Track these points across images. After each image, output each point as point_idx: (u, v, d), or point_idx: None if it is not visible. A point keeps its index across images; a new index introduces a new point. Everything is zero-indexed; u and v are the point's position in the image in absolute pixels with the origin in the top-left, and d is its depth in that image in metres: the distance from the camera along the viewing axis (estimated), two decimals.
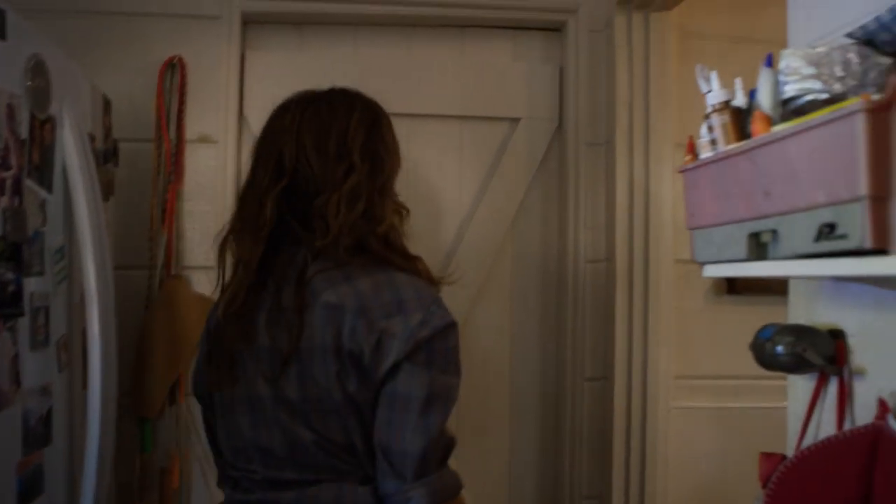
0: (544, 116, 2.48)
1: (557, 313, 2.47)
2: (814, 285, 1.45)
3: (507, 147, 2.46)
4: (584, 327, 2.39)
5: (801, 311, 1.50)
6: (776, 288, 1.77)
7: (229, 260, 1.46)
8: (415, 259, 1.43)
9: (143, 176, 2.19)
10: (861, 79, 1.01)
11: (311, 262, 1.37)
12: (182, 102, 2.21)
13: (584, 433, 2.38)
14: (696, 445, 2.40)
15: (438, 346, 1.32)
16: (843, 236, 0.95)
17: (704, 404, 2.42)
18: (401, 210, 1.48)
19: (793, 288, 1.53)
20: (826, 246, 0.98)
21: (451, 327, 1.34)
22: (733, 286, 2.44)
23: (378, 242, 1.39)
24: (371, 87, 2.36)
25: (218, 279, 1.47)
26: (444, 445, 1.32)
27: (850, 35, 1.20)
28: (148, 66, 2.21)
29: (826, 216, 0.97)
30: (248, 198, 1.44)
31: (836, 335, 1.36)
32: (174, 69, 2.21)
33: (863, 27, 1.18)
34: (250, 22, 2.35)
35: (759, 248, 1.13)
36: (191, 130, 2.22)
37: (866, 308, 1.30)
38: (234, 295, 1.40)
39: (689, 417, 2.42)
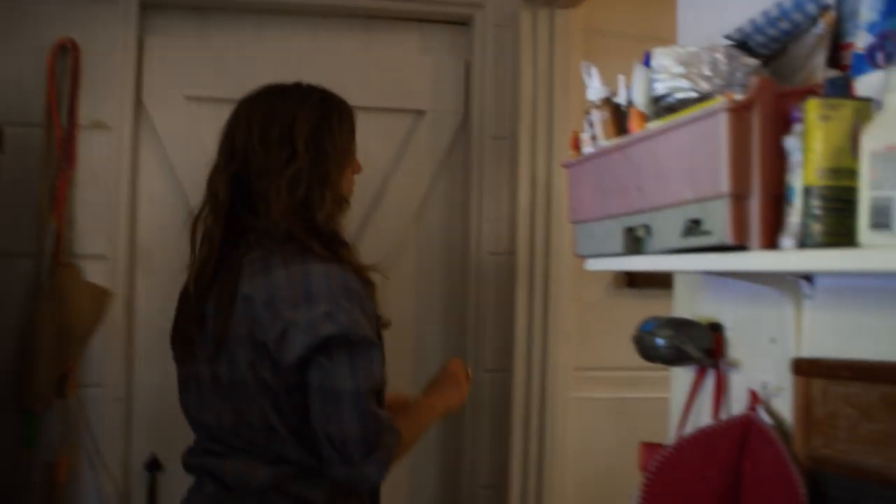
0: (450, 109, 2.47)
1: (460, 305, 2.48)
2: (696, 280, 1.49)
3: (412, 139, 2.46)
4: (486, 319, 2.40)
5: (685, 304, 1.54)
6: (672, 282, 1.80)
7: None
8: (343, 250, 1.50)
9: (32, 162, 2.12)
10: (728, 79, 1.04)
11: (250, 251, 1.46)
12: (75, 87, 2.14)
13: (485, 423, 2.39)
14: (594, 435, 2.43)
15: (353, 338, 1.39)
16: (707, 232, 0.97)
17: (603, 395, 2.46)
18: (341, 202, 1.55)
19: (677, 282, 1.57)
20: (692, 241, 1.00)
21: (356, 323, 1.39)
22: (633, 280, 2.48)
23: (306, 230, 1.46)
24: (274, 76, 2.35)
25: (190, 257, 1.57)
26: (379, 420, 1.41)
27: (727, 37, 1.23)
28: (38, 48, 2.12)
29: (693, 212, 1.00)
30: (210, 180, 1.54)
31: (715, 328, 1.40)
32: (66, 52, 2.14)
33: (739, 29, 1.21)
34: (149, 6, 2.29)
35: (634, 242, 1.16)
36: (84, 116, 2.15)
37: (742, 303, 1.34)
38: (199, 270, 1.51)
39: (588, 408, 2.45)
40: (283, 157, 1.47)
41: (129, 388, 2.24)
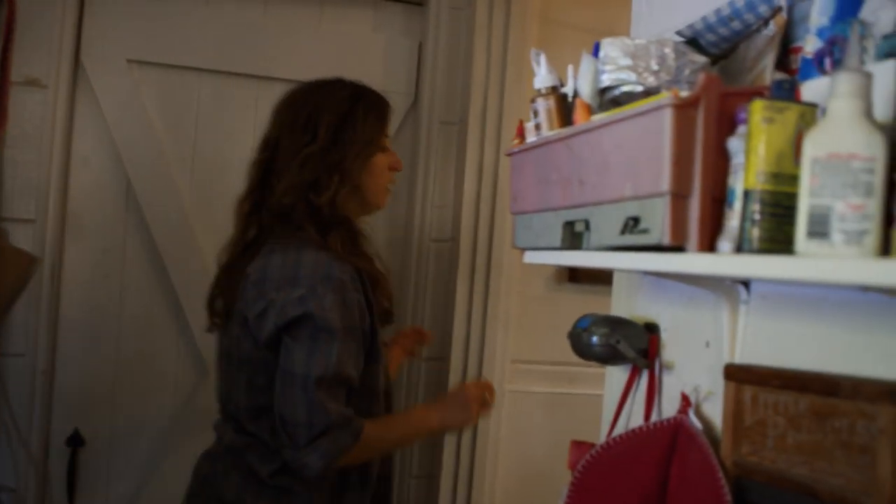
0: (400, 91, 2.43)
1: (400, 292, 2.44)
2: (635, 278, 1.47)
3: None
4: (425, 306, 2.37)
5: (623, 303, 1.52)
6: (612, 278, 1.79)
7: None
8: (334, 235, 1.53)
9: None
10: (675, 74, 1.01)
11: (268, 235, 1.57)
12: (8, 41, 2.04)
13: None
14: (528, 429, 2.42)
15: (318, 324, 1.43)
16: (645, 231, 0.94)
17: (539, 389, 2.45)
18: (355, 190, 1.59)
19: (616, 279, 1.55)
20: (630, 239, 0.98)
21: (324, 309, 1.43)
22: (574, 274, 2.46)
23: (306, 209, 1.53)
24: (222, 44, 2.29)
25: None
26: (327, 412, 1.42)
27: (678, 33, 1.20)
28: None
29: (632, 209, 0.97)
30: (249, 167, 1.65)
31: (651, 329, 1.39)
32: (1, 5, 2.04)
33: (690, 26, 1.19)
34: None
35: (573, 237, 1.13)
36: (17, 72, 2.06)
37: (679, 304, 1.33)
38: (228, 248, 1.63)
39: (524, 401, 2.44)
40: (304, 141, 1.55)
41: (53, 359, 2.17)
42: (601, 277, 2.35)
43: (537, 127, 1.21)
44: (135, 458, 2.29)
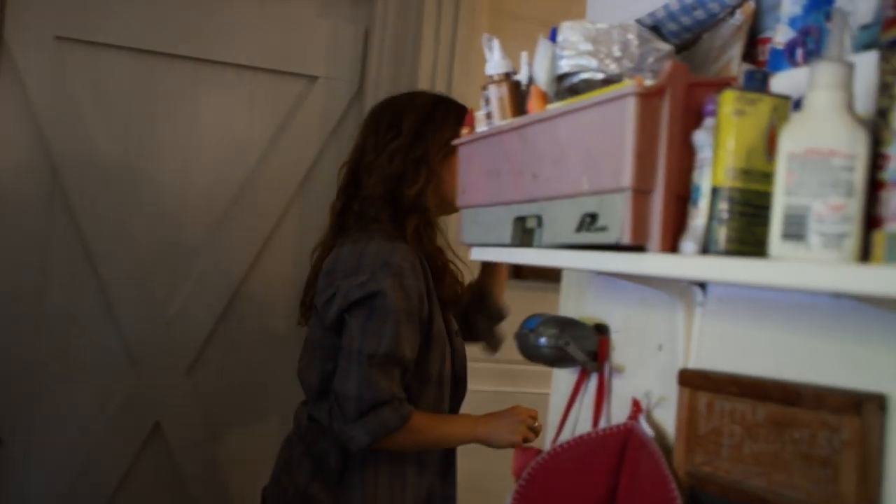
0: (344, 78, 2.35)
1: None
2: (585, 277, 1.41)
3: (302, 105, 2.32)
4: None
5: (572, 302, 1.46)
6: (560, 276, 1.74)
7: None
8: (410, 220, 1.62)
9: None
10: (639, 62, 0.95)
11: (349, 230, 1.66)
12: None
13: None
14: None
15: (376, 304, 1.52)
16: (603, 228, 0.88)
17: (484, 388, 2.39)
18: (439, 185, 1.67)
19: (565, 278, 1.49)
20: (587, 237, 0.91)
21: (382, 292, 1.52)
22: (519, 271, 2.41)
23: (392, 199, 1.63)
24: (157, 23, 2.17)
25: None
26: (378, 389, 1.51)
27: (639, 21, 1.15)
28: None
29: (589, 205, 0.91)
30: (339, 170, 1.77)
31: (602, 330, 1.33)
32: None
33: (651, 14, 1.13)
34: None
35: (524, 233, 1.06)
36: None
37: (631, 305, 1.27)
38: (318, 247, 1.74)
39: (468, 400, 2.38)
40: (389, 137, 1.65)
41: None
42: (548, 274, 2.30)
43: (488, 116, 1.14)
44: (58, 456, 2.17)
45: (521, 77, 1.16)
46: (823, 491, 0.90)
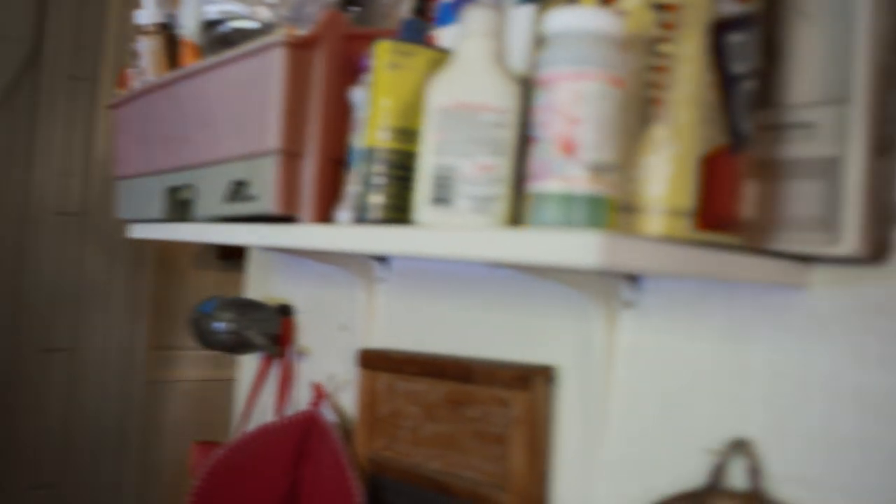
0: (13, 36, 2.07)
1: (14, 275, 2.08)
2: (270, 255, 1.31)
3: None
4: (49, 292, 2.06)
5: (258, 283, 1.35)
6: None
7: None
8: None
9: None
10: (296, 11, 0.85)
11: None
12: None
13: (46, 411, 2.04)
14: (173, 419, 2.21)
15: None
16: (253, 198, 0.78)
17: (183, 377, 2.25)
18: None
19: (251, 256, 1.38)
20: (237, 208, 0.81)
21: None
22: (225, 251, 2.27)
23: None
24: None
25: None
26: None
27: None
28: None
29: (240, 172, 0.80)
30: None
31: (286, 312, 1.23)
32: None
33: None
34: None
35: (178, 206, 0.93)
36: None
37: (313, 283, 1.19)
38: None
39: (167, 390, 2.22)
40: None
41: None
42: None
43: (141, 73, 1.00)
44: None
45: (184, 31, 1.02)
46: (496, 469, 0.86)
